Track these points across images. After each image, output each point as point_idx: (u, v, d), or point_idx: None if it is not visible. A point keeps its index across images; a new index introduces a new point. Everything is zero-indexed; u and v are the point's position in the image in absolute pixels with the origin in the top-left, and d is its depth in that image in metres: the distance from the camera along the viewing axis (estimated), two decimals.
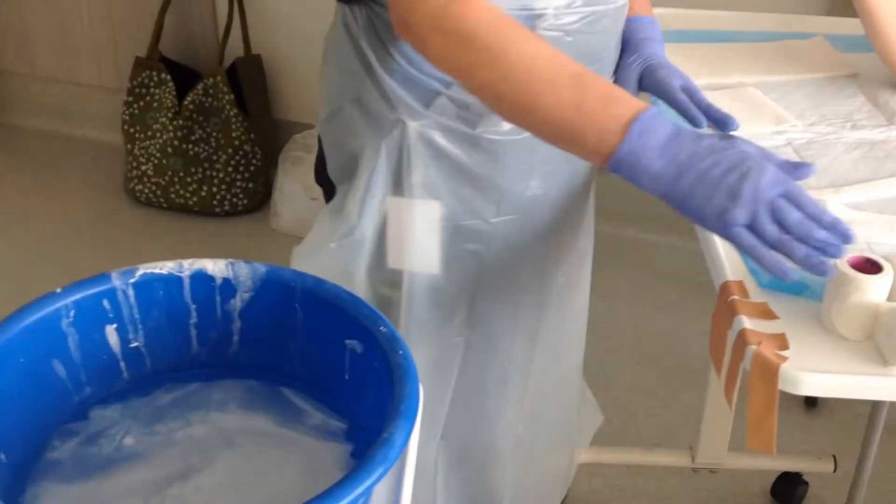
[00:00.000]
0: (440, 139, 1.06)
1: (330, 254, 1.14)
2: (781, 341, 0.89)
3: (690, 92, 1.03)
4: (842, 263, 0.89)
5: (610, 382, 2.08)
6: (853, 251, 0.98)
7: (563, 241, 1.23)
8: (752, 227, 0.82)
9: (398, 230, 1.12)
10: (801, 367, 0.86)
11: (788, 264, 0.83)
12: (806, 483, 1.77)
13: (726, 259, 1.00)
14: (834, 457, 1.71)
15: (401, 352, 0.81)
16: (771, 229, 0.81)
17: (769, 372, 0.87)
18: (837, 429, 1.94)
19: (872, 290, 0.88)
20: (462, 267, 1.15)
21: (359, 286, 1.14)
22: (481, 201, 1.10)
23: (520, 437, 1.33)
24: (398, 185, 1.09)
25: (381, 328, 0.84)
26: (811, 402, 1.98)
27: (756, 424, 0.89)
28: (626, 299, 2.34)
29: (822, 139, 1.20)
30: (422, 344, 1.17)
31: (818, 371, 0.86)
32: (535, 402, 1.32)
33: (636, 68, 1.09)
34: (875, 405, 1.57)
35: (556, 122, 0.86)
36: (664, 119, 0.84)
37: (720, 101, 1.23)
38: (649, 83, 1.08)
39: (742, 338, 0.90)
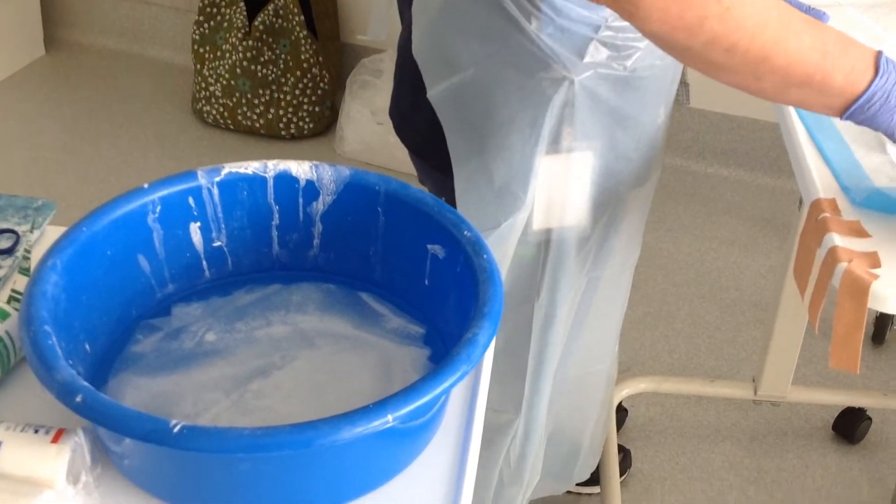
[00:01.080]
0: (599, 87, 1.02)
1: (501, 234, 1.09)
2: (873, 259, 0.87)
3: None
4: None
5: (673, 315, 2.07)
6: None
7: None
8: None
9: (554, 188, 1.08)
10: (893, 285, 0.84)
11: None
12: (869, 419, 1.75)
13: (818, 177, 0.98)
14: None
15: (485, 255, 0.80)
16: None
17: (860, 289, 0.85)
18: None
19: None
20: (604, 210, 1.13)
21: (510, 255, 1.12)
22: (626, 139, 1.08)
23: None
24: (554, 142, 1.04)
25: (465, 232, 0.83)
26: (879, 339, 1.94)
27: (842, 342, 0.87)
28: (691, 233, 2.30)
29: None
30: (564, 288, 1.17)
31: None
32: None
33: None
34: None
35: (800, 68, 0.83)
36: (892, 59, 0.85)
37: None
38: None
39: (833, 255, 0.88)
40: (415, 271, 0.88)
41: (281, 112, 2.52)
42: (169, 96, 2.72)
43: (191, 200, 0.87)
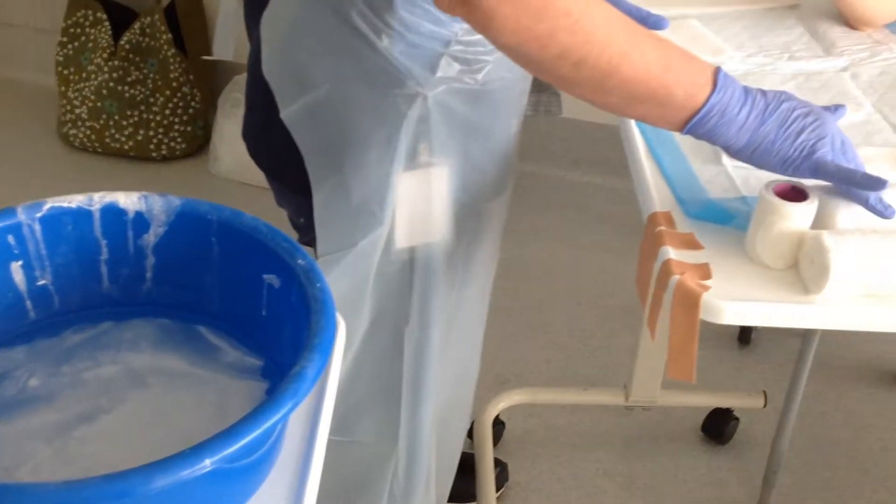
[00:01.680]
0: (453, 101, 1.02)
1: (359, 253, 1.07)
2: (705, 271, 0.89)
3: None
4: (766, 191, 0.88)
5: (550, 325, 2.09)
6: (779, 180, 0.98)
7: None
8: (835, 164, 0.87)
9: (413, 205, 1.07)
10: (723, 296, 0.86)
11: None
12: (737, 419, 1.80)
13: (655, 190, 0.99)
14: (764, 392, 1.74)
15: (318, 284, 0.79)
16: (850, 165, 0.88)
17: (691, 301, 0.86)
18: (769, 365, 1.97)
19: (796, 217, 0.87)
20: (466, 224, 1.13)
21: (372, 275, 1.10)
22: (480, 152, 1.08)
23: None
24: (411, 158, 1.04)
25: (299, 260, 0.81)
26: (744, 340, 2.00)
27: (677, 354, 0.88)
28: (567, 242, 2.34)
29: (759, 70, 1.18)
30: (435, 309, 1.16)
31: (739, 300, 0.86)
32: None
33: None
34: (804, 341, 1.59)
35: (644, 81, 0.84)
36: (734, 79, 0.88)
37: (659, 34, 1.22)
38: None
39: (666, 268, 0.89)
40: (252, 302, 0.86)
41: (151, 133, 2.45)
42: (33, 120, 2.62)
43: (10, 239, 0.82)
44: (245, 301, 0.86)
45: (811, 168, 0.88)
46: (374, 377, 1.21)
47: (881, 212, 0.87)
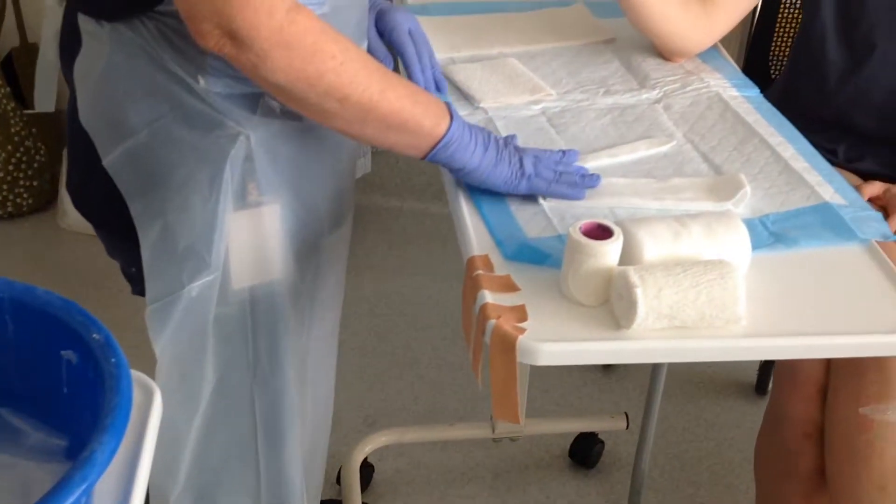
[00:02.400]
0: (277, 140, 1.02)
1: (191, 301, 1.04)
2: (521, 313, 0.89)
3: (415, 36, 1.19)
4: (574, 231, 0.89)
5: (417, 361, 2.08)
6: (594, 217, 1.00)
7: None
8: (539, 176, 1.03)
9: (247, 245, 1.05)
10: (538, 338, 0.86)
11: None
12: (602, 442, 1.82)
13: (474, 233, 0.99)
14: (626, 414, 1.76)
15: (114, 359, 0.76)
16: (550, 173, 1.03)
17: (507, 345, 0.86)
18: (632, 385, 2.01)
19: (603, 255, 0.88)
20: (307, 261, 1.12)
21: (207, 317, 1.06)
22: (311, 188, 1.09)
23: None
24: (241, 198, 1.02)
25: (94, 335, 0.78)
26: (608, 364, 2.03)
27: (500, 397, 0.89)
28: (432, 275, 2.34)
29: (576, 106, 1.21)
30: (286, 354, 1.13)
31: (555, 340, 0.86)
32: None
33: (371, 14, 1.17)
34: (655, 364, 1.62)
35: (397, 116, 0.96)
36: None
37: (478, 73, 1.23)
38: (381, 25, 1.19)
39: (483, 312, 0.89)
40: (52, 379, 0.82)
41: None
42: None
43: None
44: (45, 379, 0.82)
45: (527, 186, 1.02)
46: (228, 436, 1.17)
47: (572, 196, 1.03)
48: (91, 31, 0.98)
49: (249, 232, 1.04)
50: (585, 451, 1.80)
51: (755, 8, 1.58)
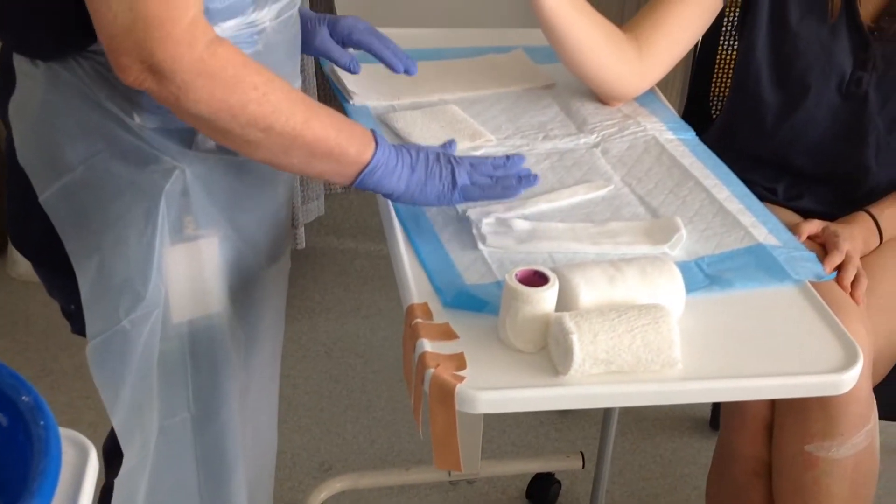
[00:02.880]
0: (213, 174, 1.03)
1: (128, 336, 1.03)
2: (460, 361, 0.89)
3: (374, 32, 1.24)
4: (510, 278, 0.90)
5: (372, 404, 2.07)
6: (533, 262, 1.01)
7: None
8: (474, 184, 1.05)
9: (185, 278, 1.06)
10: (477, 386, 0.86)
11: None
12: (558, 482, 1.81)
13: (413, 281, 1.00)
14: (581, 453, 1.76)
15: (42, 422, 0.75)
16: (486, 179, 1.06)
17: (446, 394, 0.86)
18: (588, 423, 2.01)
19: (540, 301, 0.89)
20: (244, 294, 1.12)
21: (146, 351, 1.05)
22: (249, 222, 1.10)
23: None
24: (177, 232, 1.03)
25: (23, 397, 0.76)
26: None
27: (441, 446, 0.88)
28: (387, 317, 2.33)
29: (515, 151, 1.22)
30: (227, 389, 1.13)
31: (494, 388, 0.87)
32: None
33: (323, 27, 1.22)
34: None
35: (324, 142, 0.98)
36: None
37: (419, 121, 1.25)
38: (337, 34, 1.23)
39: (422, 361, 0.89)
40: None
41: None
42: None
43: None
44: None
45: (460, 197, 1.05)
46: (172, 483, 1.16)
47: (505, 196, 1.06)
48: (26, 70, 0.99)
49: (187, 265, 1.05)
50: (542, 491, 1.80)
51: (695, 47, 1.61)
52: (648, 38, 1.31)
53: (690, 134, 1.28)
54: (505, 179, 1.06)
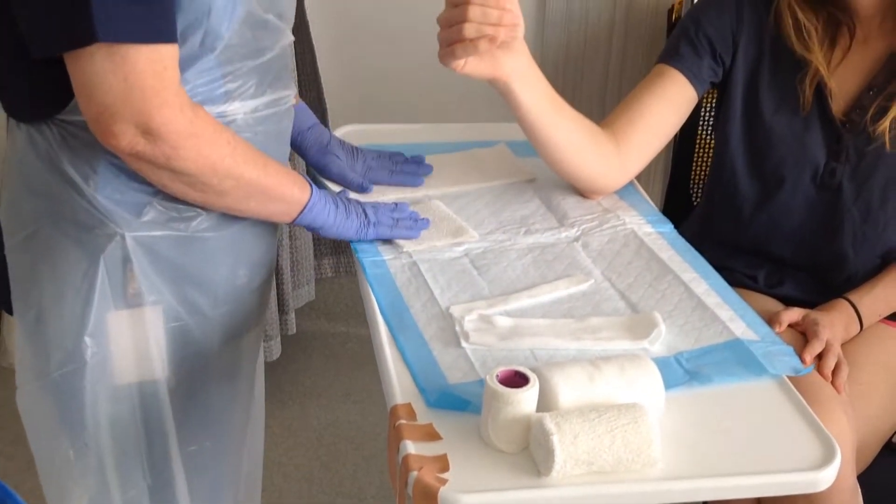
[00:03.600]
0: (157, 244, 1.09)
1: (56, 388, 1.09)
2: (443, 463, 0.90)
3: (391, 168, 1.39)
4: (491, 379, 0.91)
5: (363, 491, 2.06)
6: (515, 359, 1.02)
7: (257, 336, 1.31)
8: (380, 223, 1.24)
9: (128, 342, 1.11)
10: (459, 489, 0.87)
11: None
12: None
13: (397, 381, 1.01)
14: None
15: None
16: (389, 219, 1.24)
17: (429, 496, 0.87)
18: None
19: (520, 402, 0.90)
20: (191, 367, 1.16)
21: (88, 411, 1.10)
22: (200, 297, 1.14)
23: None
24: (118, 297, 1.08)
25: None
26: None
27: None
28: (379, 402, 2.32)
29: (498, 247, 1.24)
30: (176, 454, 1.16)
31: (477, 490, 0.87)
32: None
33: (339, 158, 1.36)
34: None
35: (278, 186, 1.11)
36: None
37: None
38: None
39: (405, 463, 0.90)
40: None
41: None
42: None
43: None
44: None
45: (374, 233, 1.22)
46: None
47: (409, 236, 1.24)
48: (13, 129, 1.10)
49: (131, 330, 1.11)
50: None
51: (674, 136, 1.65)
52: (626, 133, 1.34)
53: (669, 227, 1.31)
54: (403, 221, 1.24)
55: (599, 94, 2.29)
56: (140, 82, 0.95)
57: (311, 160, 1.36)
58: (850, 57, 1.35)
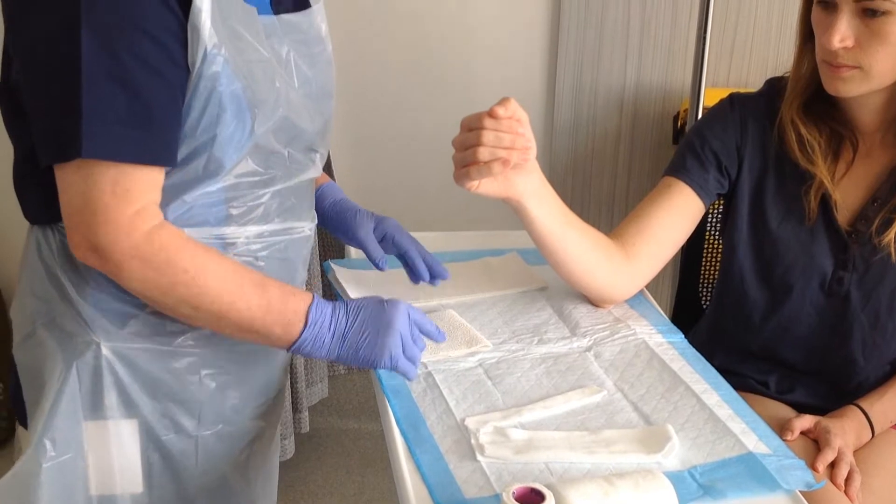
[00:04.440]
0: (137, 357, 1.10)
1: (15, 481, 1.08)
2: None
3: (418, 245, 1.36)
4: (507, 497, 0.92)
5: None
6: (530, 473, 1.03)
7: (260, 450, 1.26)
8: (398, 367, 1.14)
9: (100, 454, 1.11)
10: None
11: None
12: None
13: (413, 494, 1.02)
14: None
15: None
16: (413, 351, 1.14)
17: None
18: None
19: None
20: (170, 483, 1.15)
21: None
22: (182, 414, 1.14)
23: None
24: (95, 407, 1.09)
25: None
26: None
27: None
28: (390, 500, 2.32)
29: (511, 357, 1.26)
30: None
31: None
32: None
33: (370, 221, 1.34)
34: None
35: (248, 324, 1.06)
36: (327, 303, 1.11)
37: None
38: (378, 232, 1.34)
39: None
40: None
41: None
42: None
43: None
44: None
45: (391, 367, 1.13)
46: None
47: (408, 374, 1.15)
48: (28, 230, 1.13)
49: (104, 442, 1.11)
50: None
51: None
52: (635, 244, 1.38)
53: (679, 336, 1.33)
54: (412, 350, 1.14)
55: (608, 199, 2.34)
56: (94, 199, 0.98)
57: (334, 228, 1.35)
58: (854, 170, 1.39)
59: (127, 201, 0.98)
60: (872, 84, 1.28)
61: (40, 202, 1.07)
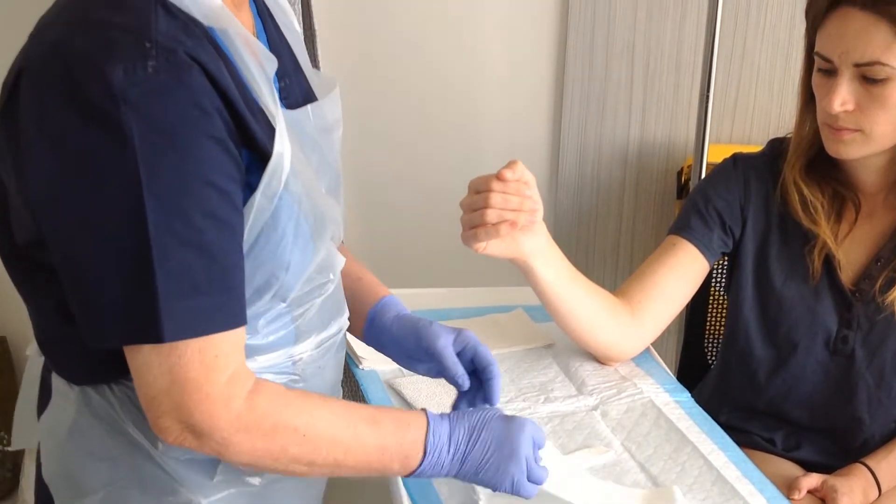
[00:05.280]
0: (233, 502, 1.02)
1: None
2: None
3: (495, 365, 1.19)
4: None
5: None
6: None
7: None
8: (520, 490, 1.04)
9: None
10: None
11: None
12: None
13: None
14: None
15: None
16: (539, 475, 1.05)
17: None
18: None
19: None
20: None
21: None
22: None
23: None
24: None
25: None
26: None
27: None
28: None
29: (518, 415, 1.26)
30: None
31: None
32: None
33: (449, 335, 1.16)
34: None
35: (365, 466, 0.99)
36: (442, 422, 1.03)
37: (424, 387, 1.30)
38: (462, 343, 1.17)
39: None
40: None
41: None
42: None
43: None
44: None
45: (511, 492, 1.04)
46: None
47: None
48: (62, 390, 1.01)
49: None
50: None
51: None
52: (641, 303, 1.39)
53: (686, 395, 1.34)
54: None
55: (612, 253, 2.36)
56: (183, 375, 0.88)
57: (395, 341, 1.19)
58: (857, 230, 1.40)
59: (217, 370, 0.89)
60: (873, 147, 1.30)
61: (93, 361, 0.96)
